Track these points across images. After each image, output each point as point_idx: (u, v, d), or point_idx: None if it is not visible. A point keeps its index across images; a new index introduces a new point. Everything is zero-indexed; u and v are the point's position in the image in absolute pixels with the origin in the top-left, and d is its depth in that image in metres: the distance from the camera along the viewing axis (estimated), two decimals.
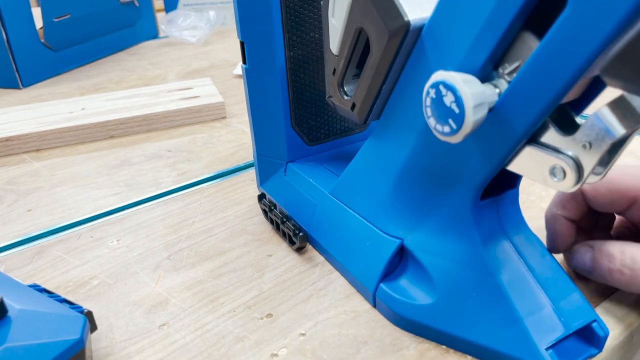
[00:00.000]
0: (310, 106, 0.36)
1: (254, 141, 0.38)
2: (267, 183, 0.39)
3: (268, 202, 0.37)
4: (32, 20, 0.72)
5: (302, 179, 0.36)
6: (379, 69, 0.26)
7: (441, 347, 0.27)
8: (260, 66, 0.34)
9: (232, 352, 0.28)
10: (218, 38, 0.93)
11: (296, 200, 0.36)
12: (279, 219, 0.35)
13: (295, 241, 0.34)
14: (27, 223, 0.41)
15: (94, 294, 0.32)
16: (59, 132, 0.53)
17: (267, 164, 0.38)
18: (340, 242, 0.33)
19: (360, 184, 0.32)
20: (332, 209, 0.34)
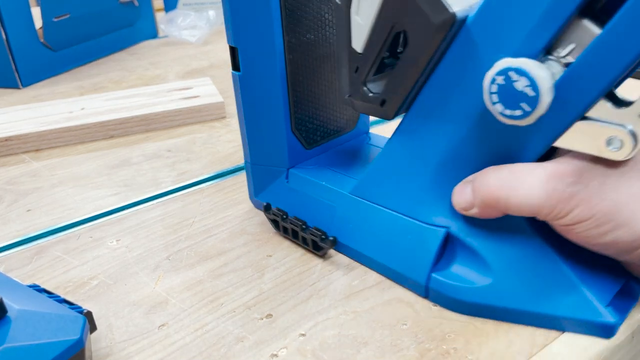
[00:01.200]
0: (308, 109, 0.36)
1: (248, 150, 0.37)
2: (265, 193, 0.38)
3: (278, 211, 0.35)
4: (32, 20, 0.71)
5: (311, 183, 0.36)
6: (418, 64, 0.26)
7: (441, 347, 0.27)
8: (257, 72, 0.34)
9: (232, 353, 0.28)
10: (218, 38, 0.93)
11: (307, 206, 0.35)
12: (298, 227, 0.34)
13: (323, 246, 0.33)
14: (27, 223, 0.41)
15: (93, 294, 0.32)
16: (58, 132, 0.53)
17: (262, 173, 0.38)
18: (373, 240, 0.32)
19: (390, 179, 0.32)
20: (357, 209, 0.33)
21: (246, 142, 0.37)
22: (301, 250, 0.35)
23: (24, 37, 0.71)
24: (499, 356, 0.26)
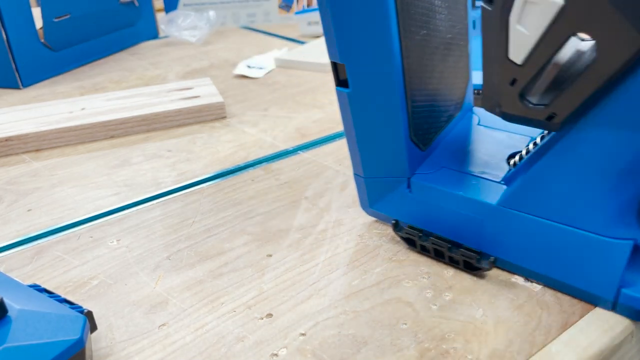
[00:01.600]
0: (423, 110, 0.33)
1: (361, 165, 0.34)
2: (382, 203, 0.35)
3: (412, 230, 0.32)
4: (32, 20, 0.71)
5: (443, 195, 0.32)
6: (607, 76, 0.24)
7: (441, 347, 0.27)
8: (371, 86, 0.30)
9: (232, 352, 0.28)
10: (218, 38, 0.93)
11: (440, 219, 0.32)
12: (444, 248, 0.31)
13: (480, 266, 0.31)
14: (27, 223, 0.41)
15: (93, 294, 0.32)
16: (58, 132, 0.53)
17: (376, 185, 0.34)
18: (541, 256, 0.30)
19: (559, 190, 0.28)
20: (514, 223, 0.30)
21: (358, 157, 0.34)
22: (301, 250, 0.35)
23: (24, 37, 0.71)
24: (498, 356, 0.26)
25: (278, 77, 0.71)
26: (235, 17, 1.01)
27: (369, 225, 0.37)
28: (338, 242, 0.36)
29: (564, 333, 0.28)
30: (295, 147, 0.50)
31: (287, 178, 0.45)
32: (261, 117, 0.58)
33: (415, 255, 0.34)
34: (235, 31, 0.98)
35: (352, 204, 0.40)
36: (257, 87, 0.68)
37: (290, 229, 0.38)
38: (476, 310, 0.29)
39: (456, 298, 0.30)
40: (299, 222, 0.38)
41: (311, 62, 0.73)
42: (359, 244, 0.35)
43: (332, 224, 0.38)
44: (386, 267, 0.33)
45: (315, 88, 0.66)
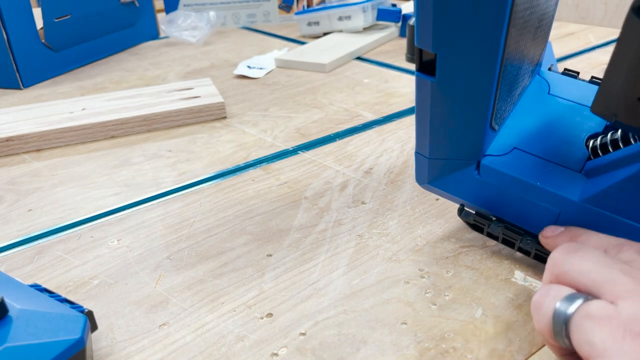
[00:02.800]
0: (503, 94, 0.30)
1: (428, 147, 0.31)
2: (442, 181, 0.32)
3: (480, 217, 0.31)
4: (33, 20, 0.72)
5: (518, 182, 0.30)
6: None
7: (441, 347, 0.27)
8: (463, 78, 0.27)
9: (232, 352, 0.28)
10: (218, 38, 0.93)
11: (514, 207, 0.31)
12: (516, 239, 0.30)
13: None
14: (28, 223, 0.41)
15: (94, 294, 0.33)
16: (59, 132, 0.53)
17: (440, 165, 0.32)
18: None
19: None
20: (597, 221, 0.28)
21: (426, 139, 0.31)
22: (301, 250, 0.35)
23: (25, 37, 0.71)
24: (498, 355, 0.27)
25: (278, 78, 0.71)
26: (235, 17, 1.01)
27: (369, 225, 0.37)
28: (338, 242, 0.36)
29: None
30: (295, 147, 0.50)
31: (287, 178, 0.45)
32: (261, 117, 0.58)
33: (415, 255, 0.34)
34: (235, 31, 0.98)
35: (352, 204, 0.40)
36: (257, 87, 0.68)
37: (290, 229, 0.38)
38: (476, 310, 0.29)
39: (456, 298, 0.30)
40: (299, 222, 0.38)
41: (311, 62, 0.73)
42: (359, 244, 0.35)
43: (332, 224, 0.38)
44: (386, 267, 0.33)
45: (315, 88, 0.66)
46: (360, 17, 0.84)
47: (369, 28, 0.87)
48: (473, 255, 0.34)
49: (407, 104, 0.59)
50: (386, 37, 0.85)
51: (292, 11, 1.01)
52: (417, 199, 0.40)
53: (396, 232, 0.36)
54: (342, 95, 0.63)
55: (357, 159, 0.47)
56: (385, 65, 0.74)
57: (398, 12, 0.84)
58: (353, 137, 0.52)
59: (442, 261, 0.33)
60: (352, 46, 0.78)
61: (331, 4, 0.92)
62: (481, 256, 0.34)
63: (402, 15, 0.86)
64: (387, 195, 0.41)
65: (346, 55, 0.76)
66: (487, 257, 0.33)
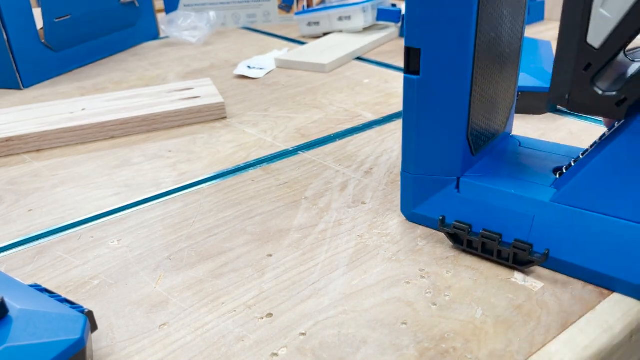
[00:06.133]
0: (480, 113, 0.34)
1: (414, 160, 0.35)
2: (426, 204, 0.36)
3: (460, 224, 0.33)
4: (33, 20, 0.72)
5: (494, 192, 0.33)
6: None
7: (441, 347, 0.27)
8: (442, 74, 0.31)
9: (232, 352, 0.28)
10: (218, 38, 0.94)
11: (489, 216, 0.33)
12: (494, 240, 0.32)
13: (532, 260, 0.31)
14: (28, 223, 0.41)
15: (94, 294, 0.33)
16: (59, 133, 0.53)
17: (424, 184, 0.35)
18: (596, 251, 0.30)
19: (618, 184, 0.29)
20: (568, 218, 0.31)
21: (413, 151, 0.34)
22: (301, 250, 0.35)
23: (25, 38, 0.71)
24: (498, 355, 0.27)
25: (278, 78, 0.71)
26: (235, 17, 1.01)
27: (369, 225, 0.37)
28: (338, 242, 0.36)
29: (563, 333, 0.28)
30: (295, 147, 0.50)
31: (287, 178, 0.45)
32: (261, 118, 0.58)
33: (415, 255, 0.34)
34: (235, 32, 0.98)
35: (352, 204, 0.40)
36: (257, 87, 0.68)
37: (290, 229, 0.38)
38: (476, 310, 0.29)
39: (456, 298, 0.30)
40: (299, 222, 0.38)
41: (311, 62, 0.73)
42: (359, 244, 0.36)
43: (332, 224, 0.38)
44: (386, 267, 0.33)
45: (315, 88, 0.66)
46: (360, 17, 0.84)
47: (369, 28, 0.87)
48: (473, 255, 0.34)
49: None
50: (386, 37, 0.85)
51: (292, 11, 1.01)
52: None
53: (396, 232, 0.36)
54: (342, 96, 0.63)
55: (357, 159, 0.47)
56: (385, 66, 0.74)
57: (398, 12, 0.84)
58: (353, 137, 0.52)
59: (442, 261, 0.33)
60: (352, 46, 0.78)
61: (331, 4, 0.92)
62: (481, 256, 0.34)
63: (402, 15, 0.86)
64: (387, 195, 0.41)
65: (346, 55, 0.76)
66: (487, 257, 0.33)
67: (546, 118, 0.53)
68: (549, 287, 0.31)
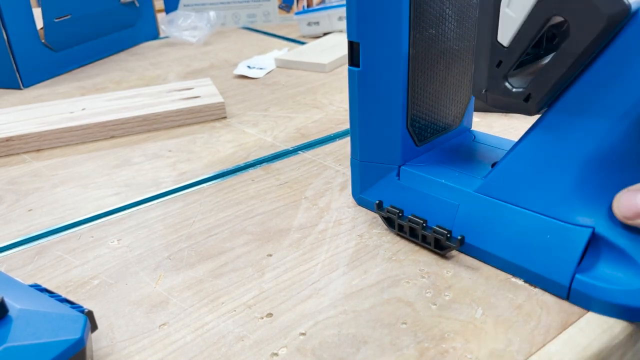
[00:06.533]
0: (422, 105, 0.36)
1: (359, 147, 0.37)
2: (372, 190, 0.38)
3: (393, 209, 0.35)
4: (33, 20, 0.72)
5: (427, 181, 0.35)
6: (577, 57, 0.26)
7: (441, 347, 0.27)
8: (379, 67, 0.34)
9: (232, 352, 0.28)
10: (218, 38, 0.93)
11: (422, 204, 0.35)
12: (418, 225, 0.33)
13: (449, 245, 0.32)
14: (28, 223, 0.41)
15: (94, 294, 0.33)
16: (59, 132, 0.53)
17: (369, 170, 0.38)
18: (505, 240, 0.32)
19: (527, 177, 0.31)
20: (485, 207, 0.33)
21: (357, 139, 0.37)
22: (301, 250, 0.35)
23: (25, 37, 0.71)
24: (497, 355, 0.27)
25: (278, 78, 0.71)
26: (235, 17, 1.01)
27: (369, 225, 0.37)
28: (338, 242, 0.36)
29: (563, 333, 0.28)
30: (295, 147, 0.50)
31: (287, 178, 0.45)
32: (261, 117, 0.58)
33: (415, 255, 0.34)
34: (235, 31, 0.98)
35: (352, 204, 0.40)
36: (257, 87, 0.68)
37: (290, 228, 0.38)
38: (476, 310, 0.29)
39: (456, 298, 0.30)
40: (299, 222, 0.38)
41: (311, 62, 0.73)
42: (359, 244, 0.36)
43: (332, 224, 0.38)
44: (386, 267, 0.33)
45: (315, 88, 0.66)
46: None
47: None
48: (471, 255, 0.34)
49: None
50: None
51: (292, 11, 1.01)
52: None
53: None
54: (342, 95, 0.63)
55: None
56: None
57: None
58: None
59: (442, 261, 0.33)
60: None
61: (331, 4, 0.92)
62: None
63: None
64: None
65: (346, 55, 0.75)
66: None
67: None
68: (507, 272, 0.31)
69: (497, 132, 0.50)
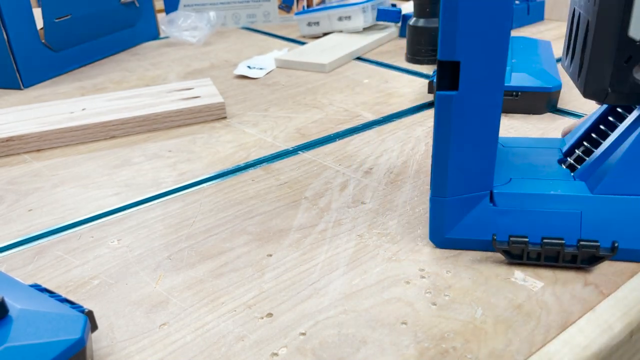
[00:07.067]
0: None
1: (448, 183, 0.32)
2: (459, 227, 0.33)
3: (518, 238, 0.31)
4: (33, 20, 0.72)
5: (534, 197, 0.32)
6: None
7: (441, 347, 0.27)
8: (481, 89, 0.30)
9: (232, 352, 0.28)
10: (218, 38, 0.94)
11: (532, 223, 0.32)
12: (560, 246, 0.31)
13: (604, 255, 0.31)
14: (28, 223, 0.41)
15: (94, 294, 0.33)
16: (59, 133, 0.53)
17: (455, 206, 0.33)
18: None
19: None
20: (614, 207, 0.31)
21: (446, 174, 0.32)
22: (301, 250, 0.35)
23: (25, 37, 0.71)
24: (497, 355, 0.27)
25: (278, 78, 0.71)
26: (235, 17, 1.01)
27: (369, 225, 0.37)
28: (338, 242, 0.36)
29: (563, 332, 0.28)
30: (295, 147, 0.50)
31: (287, 178, 0.45)
32: (261, 118, 0.58)
33: (415, 255, 0.34)
34: (235, 32, 0.98)
35: (352, 204, 0.40)
36: (257, 87, 0.68)
37: (290, 228, 0.38)
38: (475, 310, 0.29)
39: (455, 298, 0.30)
40: (299, 222, 0.38)
41: (311, 62, 0.73)
42: (359, 244, 0.36)
43: (332, 224, 0.38)
44: (386, 267, 0.33)
45: (315, 88, 0.66)
46: (360, 17, 0.84)
47: (368, 28, 0.87)
48: (473, 255, 0.34)
49: (407, 104, 0.59)
50: (386, 37, 0.85)
51: (292, 11, 1.01)
52: (417, 199, 0.40)
53: (396, 232, 0.36)
54: (342, 96, 0.63)
55: (357, 159, 0.47)
56: (385, 66, 0.74)
57: (398, 12, 0.84)
58: (353, 137, 0.52)
59: (442, 261, 0.33)
60: (352, 46, 0.78)
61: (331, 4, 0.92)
62: (481, 256, 0.34)
63: (402, 15, 0.86)
64: (387, 195, 0.41)
65: (346, 55, 0.76)
66: (487, 257, 0.33)
67: (546, 118, 0.53)
68: (548, 286, 0.31)
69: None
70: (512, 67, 0.55)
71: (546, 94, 0.53)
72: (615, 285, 0.31)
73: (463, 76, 0.29)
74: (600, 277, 0.31)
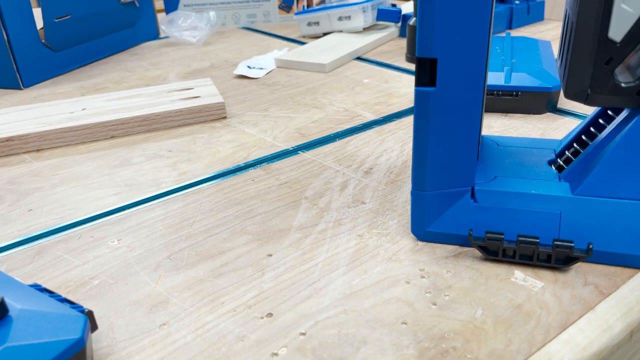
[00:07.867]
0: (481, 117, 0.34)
1: (428, 177, 0.33)
2: (440, 221, 0.34)
3: (493, 235, 0.32)
4: (33, 20, 0.72)
5: (514, 196, 0.33)
6: None
7: (441, 347, 0.27)
8: (458, 85, 0.30)
9: (232, 352, 0.28)
10: (218, 38, 0.94)
11: (514, 221, 0.32)
12: (534, 245, 0.31)
13: (579, 256, 0.31)
14: (28, 223, 0.41)
15: (94, 294, 0.33)
16: (59, 132, 0.53)
17: (436, 200, 0.34)
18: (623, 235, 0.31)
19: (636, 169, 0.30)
20: (593, 208, 0.31)
21: (427, 168, 0.33)
22: (301, 250, 0.35)
23: (25, 37, 0.71)
24: (497, 355, 0.27)
25: (278, 78, 0.71)
26: (235, 17, 1.01)
27: (369, 225, 0.37)
28: (338, 242, 0.36)
29: (563, 332, 0.28)
30: (295, 147, 0.50)
31: (287, 178, 0.45)
32: (261, 118, 0.58)
33: (415, 255, 0.34)
34: (235, 32, 0.98)
35: (352, 204, 0.40)
36: (257, 87, 0.68)
37: (290, 228, 0.38)
38: (475, 310, 0.29)
39: (455, 297, 0.30)
40: (299, 222, 0.38)
41: (311, 62, 0.73)
42: (359, 244, 0.36)
43: (332, 224, 0.38)
44: (386, 267, 0.33)
45: (315, 88, 0.66)
46: (360, 17, 0.84)
47: (369, 28, 0.87)
48: (473, 255, 0.34)
49: (407, 104, 0.59)
50: (386, 37, 0.85)
51: (292, 11, 1.01)
52: None
53: (396, 232, 0.36)
54: (342, 95, 0.63)
55: (357, 159, 0.47)
56: (385, 65, 0.74)
57: (398, 12, 0.84)
58: (353, 137, 0.52)
59: (442, 261, 0.33)
60: (352, 46, 0.78)
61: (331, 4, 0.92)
62: (481, 256, 0.34)
63: (402, 15, 0.86)
64: (387, 195, 0.41)
65: (346, 55, 0.76)
66: (487, 257, 0.33)
67: (546, 118, 0.53)
68: (548, 286, 0.31)
69: (497, 132, 0.50)
70: (512, 67, 0.55)
71: (546, 94, 0.53)
72: (615, 285, 0.31)
73: (440, 73, 0.30)
74: (600, 277, 0.31)
